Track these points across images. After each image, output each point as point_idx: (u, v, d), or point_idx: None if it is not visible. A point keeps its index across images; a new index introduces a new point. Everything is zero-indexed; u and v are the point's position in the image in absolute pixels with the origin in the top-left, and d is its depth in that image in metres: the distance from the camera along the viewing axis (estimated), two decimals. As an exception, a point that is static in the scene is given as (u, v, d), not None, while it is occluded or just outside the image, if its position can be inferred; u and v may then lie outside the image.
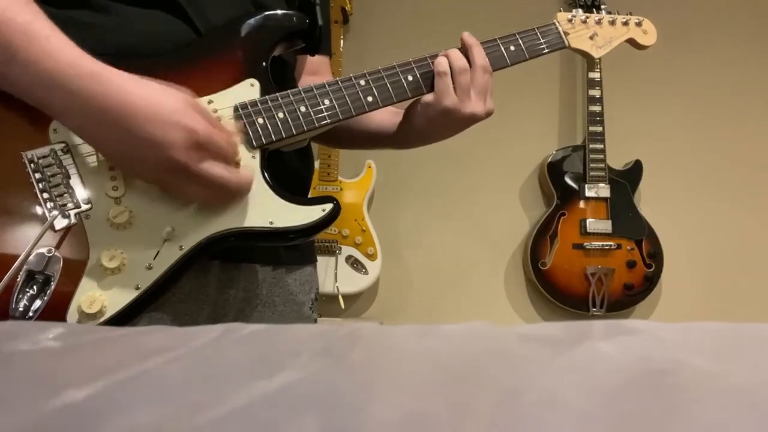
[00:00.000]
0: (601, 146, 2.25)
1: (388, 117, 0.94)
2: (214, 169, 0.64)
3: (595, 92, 2.27)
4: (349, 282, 2.15)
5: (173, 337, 0.35)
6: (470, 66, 0.83)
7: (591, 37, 0.93)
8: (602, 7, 2.23)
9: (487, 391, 0.26)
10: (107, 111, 0.60)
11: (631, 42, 0.98)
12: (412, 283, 2.35)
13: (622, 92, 2.39)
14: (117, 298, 0.65)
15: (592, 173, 2.24)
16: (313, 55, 0.93)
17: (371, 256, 2.18)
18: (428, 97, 0.83)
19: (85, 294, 0.64)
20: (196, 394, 0.26)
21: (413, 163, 2.38)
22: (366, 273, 2.17)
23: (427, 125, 0.86)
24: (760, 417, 0.23)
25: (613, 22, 0.96)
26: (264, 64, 0.75)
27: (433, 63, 0.83)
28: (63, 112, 0.61)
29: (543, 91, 2.44)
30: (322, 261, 2.13)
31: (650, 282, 2.22)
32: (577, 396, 0.25)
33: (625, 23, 0.97)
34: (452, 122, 0.84)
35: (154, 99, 0.62)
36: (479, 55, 0.83)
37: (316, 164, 2.22)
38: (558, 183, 2.27)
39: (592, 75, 2.28)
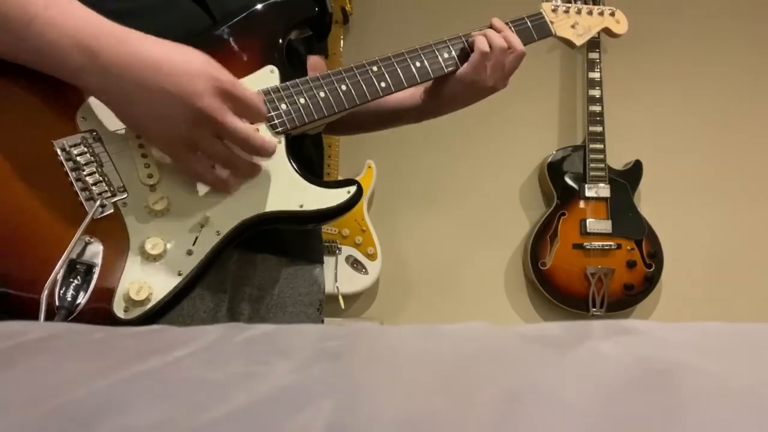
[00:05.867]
0: (601, 146, 2.25)
1: (407, 94, 0.99)
2: (239, 123, 0.64)
3: (595, 92, 2.27)
4: (349, 282, 2.15)
5: (173, 338, 0.35)
6: (509, 48, 0.90)
7: (572, 26, 1.02)
8: (602, 7, 2.24)
9: (487, 391, 0.26)
10: (130, 66, 0.60)
11: (606, 31, 1.08)
12: (412, 283, 2.35)
13: (622, 92, 2.39)
14: (162, 285, 0.66)
15: (592, 173, 2.24)
16: (321, 41, 0.96)
17: (371, 256, 2.18)
18: (463, 70, 0.89)
19: (129, 281, 0.64)
20: (196, 394, 0.26)
21: (413, 163, 2.38)
22: (366, 273, 2.17)
23: (455, 95, 0.92)
24: (761, 417, 0.23)
25: (590, 12, 1.05)
26: (280, 50, 0.78)
27: (437, 50, 0.89)
28: (84, 71, 0.61)
29: (543, 91, 2.44)
30: (322, 261, 2.13)
31: (650, 282, 2.22)
32: (577, 396, 0.25)
33: (601, 13, 1.06)
34: (475, 93, 0.92)
35: (175, 53, 0.63)
36: (518, 41, 0.91)
37: (316, 164, 2.22)
38: (558, 183, 2.27)
39: (592, 75, 2.28)
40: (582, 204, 2.23)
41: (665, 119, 2.43)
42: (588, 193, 2.22)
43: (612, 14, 1.06)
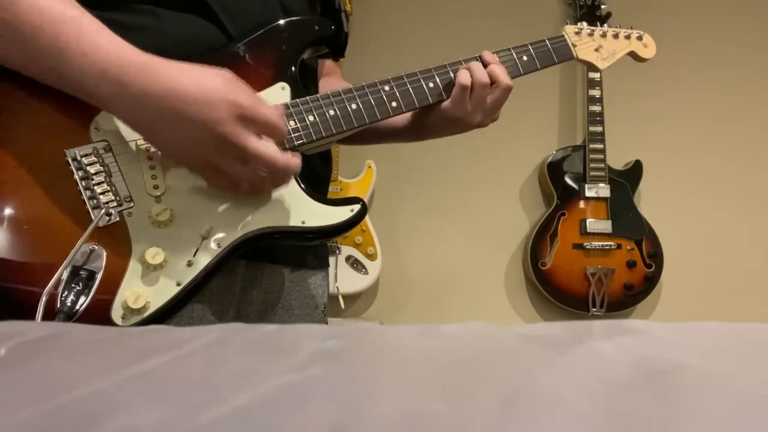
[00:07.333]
0: (601, 146, 2.25)
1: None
2: (261, 145, 0.65)
3: (595, 92, 2.27)
4: (349, 282, 2.15)
5: (173, 338, 0.35)
6: (492, 83, 0.87)
7: (596, 50, 0.99)
8: (602, 6, 2.24)
9: (487, 391, 0.26)
10: (155, 97, 0.62)
11: (633, 55, 1.03)
12: (412, 283, 2.35)
13: (622, 92, 2.39)
14: (160, 294, 0.67)
15: (592, 173, 2.24)
16: (337, 59, 0.97)
17: (371, 256, 2.18)
18: (445, 104, 0.87)
19: (129, 289, 0.66)
20: (196, 394, 0.26)
21: (413, 163, 2.38)
22: (366, 273, 2.17)
23: (438, 126, 0.91)
24: (760, 417, 0.23)
25: (616, 36, 1.01)
26: (293, 68, 0.79)
27: (452, 71, 0.87)
28: (112, 101, 0.64)
29: (543, 91, 2.44)
30: (322, 261, 2.13)
31: (650, 282, 2.22)
32: (577, 396, 0.25)
33: (627, 37, 1.02)
34: (459, 128, 0.91)
35: (198, 80, 0.64)
36: (503, 75, 0.87)
37: (316, 164, 2.22)
38: (558, 183, 2.27)
39: (592, 75, 2.28)
40: (582, 204, 2.23)
41: (665, 119, 2.43)
42: (588, 193, 2.22)
43: (639, 38, 1.02)
